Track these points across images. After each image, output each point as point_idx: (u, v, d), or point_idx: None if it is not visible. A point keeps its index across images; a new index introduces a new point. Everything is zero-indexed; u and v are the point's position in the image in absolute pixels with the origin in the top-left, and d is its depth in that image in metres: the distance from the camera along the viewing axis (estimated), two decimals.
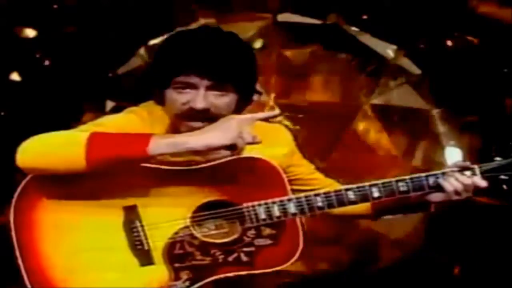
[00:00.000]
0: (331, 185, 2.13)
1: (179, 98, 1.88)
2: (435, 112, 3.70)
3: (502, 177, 1.95)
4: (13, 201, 1.85)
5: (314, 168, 2.18)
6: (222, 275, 1.90)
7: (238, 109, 1.95)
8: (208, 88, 1.87)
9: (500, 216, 3.48)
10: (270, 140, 2.01)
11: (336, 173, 2.23)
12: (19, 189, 1.86)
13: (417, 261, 3.61)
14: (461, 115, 3.66)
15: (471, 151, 3.59)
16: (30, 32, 3.62)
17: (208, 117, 1.87)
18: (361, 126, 3.71)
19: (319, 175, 2.19)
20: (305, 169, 2.14)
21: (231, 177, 1.90)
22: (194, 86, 1.87)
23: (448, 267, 3.65)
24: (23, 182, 1.86)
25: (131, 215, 1.87)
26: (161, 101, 1.95)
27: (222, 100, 1.89)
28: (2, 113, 3.57)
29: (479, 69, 3.59)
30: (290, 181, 1.98)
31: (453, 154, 3.64)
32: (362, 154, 3.69)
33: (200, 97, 1.86)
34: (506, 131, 3.53)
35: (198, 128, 1.85)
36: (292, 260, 1.93)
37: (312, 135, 3.58)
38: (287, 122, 3.57)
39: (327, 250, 3.64)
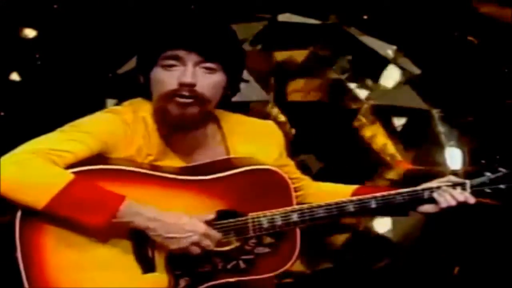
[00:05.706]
0: (307, 183, 2.19)
1: (167, 76, 1.87)
2: (435, 112, 3.69)
3: (487, 190, 2.04)
4: (18, 219, 1.80)
5: (294, 165, 2.19)
6: (218, 282, 1.91)
7: (225, 96, 1.95)
8: (196, 64, 1.86)
9: (499, 216, 3.48)
10: (262, 141, 2.04)
11: (335, 173, 2.24)
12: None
13: (417, 261, 3.61)
14: (461, 115, 3.66)
15: (471, 151, 3.59)
16: (30, 32, 3.62)
17: (194, 95, 1.86)
18: (360, 126, 3.71)
19: (299, 174, 2.20)
20: (290, 168, 2.15)
21: (239, 187, 1.90)
22: (182, 61, 1.86)
23: (448, 267, 3.65)
24: None
25: None
26: (147, 91, 1.93)
27: (210, 78, 1.88)
28: (2, 113, 3.57)
29: (479, 69, 3.59)
30: None
31: (453, 154, 3.64)
32: (362, 155, 3.69)
33: (189, 72, 1.85)
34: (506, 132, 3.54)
35: (186, 104, 1.85)
36: (289, 264, 1.94)
37: (311, 135, 3.58)
38: (282, 118, 3.59)
39: (327, 250, 3.64)
